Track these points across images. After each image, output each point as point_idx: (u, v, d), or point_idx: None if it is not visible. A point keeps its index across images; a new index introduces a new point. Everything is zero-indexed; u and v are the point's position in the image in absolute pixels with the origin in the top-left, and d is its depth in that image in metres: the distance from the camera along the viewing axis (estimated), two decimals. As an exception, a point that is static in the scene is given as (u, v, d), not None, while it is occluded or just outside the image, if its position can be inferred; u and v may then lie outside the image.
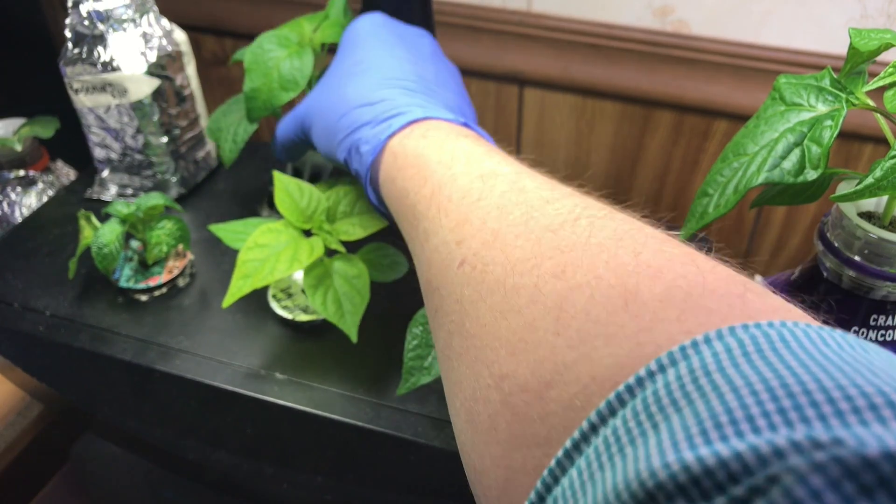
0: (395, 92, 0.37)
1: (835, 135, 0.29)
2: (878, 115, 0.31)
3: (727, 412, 0.15)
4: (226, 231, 0.46)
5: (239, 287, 0.41)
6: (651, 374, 0.17)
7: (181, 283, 0.52)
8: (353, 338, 0.42)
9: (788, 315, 0.18)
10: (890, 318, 0.35)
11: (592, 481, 0.16)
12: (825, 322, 0.19)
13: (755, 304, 0.19)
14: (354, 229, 0.44)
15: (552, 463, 0.18)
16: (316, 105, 0.41)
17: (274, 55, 0.46)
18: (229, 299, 0.41)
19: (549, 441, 0.19)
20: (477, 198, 0.27)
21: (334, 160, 0.40)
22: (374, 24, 0.43)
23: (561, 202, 0.25)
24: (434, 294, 0.28)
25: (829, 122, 0.30)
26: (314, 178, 0.58)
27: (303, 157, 0.49)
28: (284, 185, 0.44)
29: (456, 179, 0.29)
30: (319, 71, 0.47)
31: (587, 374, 0.19)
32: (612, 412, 0.17)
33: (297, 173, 0.57)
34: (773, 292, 0.20)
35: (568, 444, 0.18)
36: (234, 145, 0.51)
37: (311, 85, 0.48)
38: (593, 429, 0.18)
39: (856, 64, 0.31)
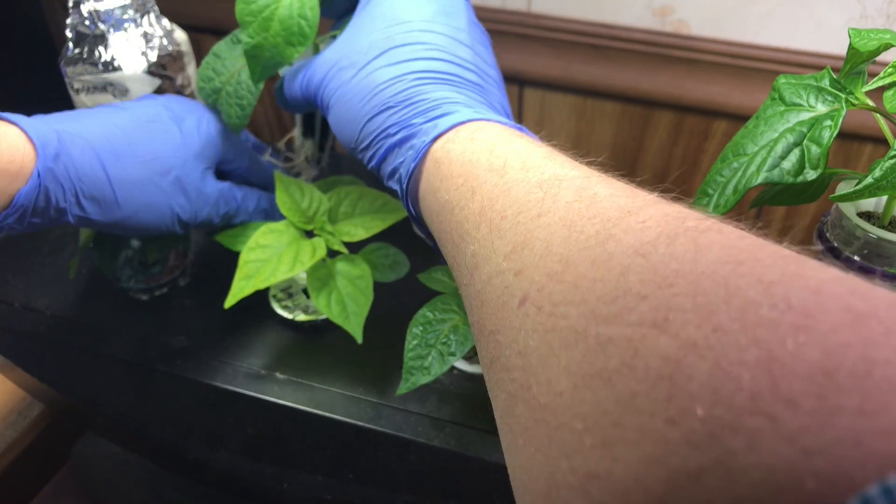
0: (439, 87, 0.31)
1: (834, 135, 0.29)
2: (878, 115, 0.31)
3: None
4: (225, 236, 0.46)
5: (241, 288, 0.41)
6: None
7: (182, 282, 0.52)
8: (359, 338, 0.42)
9: None
10: (889, 317, 0.35)
11: None
12: None
13: None
14: (356, 230, 0.44)
15: None
16: (336, 78, 0.34)
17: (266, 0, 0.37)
18: (231, 300, 0.41)
19: None
20: (537, 213, 0.21)
21: (355, 154, 0.34)
22: None
23: (646, 212, 0.19)
24: (489, 340, 0.21)
25: (828, 123, 0.30)
26: (327, 128, 0.50)
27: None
28: (285, 186, 0.44)
29: (510, 190, 0.23)
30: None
31: (723, 494, 0.13)
32: None
33: (309, 121, 0.50)
34: None
35: None
36: (241, 111, 0.42)
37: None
38: None
39: (855, 64, 0.32)
